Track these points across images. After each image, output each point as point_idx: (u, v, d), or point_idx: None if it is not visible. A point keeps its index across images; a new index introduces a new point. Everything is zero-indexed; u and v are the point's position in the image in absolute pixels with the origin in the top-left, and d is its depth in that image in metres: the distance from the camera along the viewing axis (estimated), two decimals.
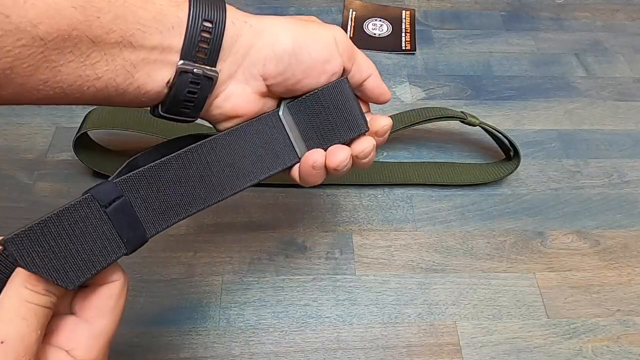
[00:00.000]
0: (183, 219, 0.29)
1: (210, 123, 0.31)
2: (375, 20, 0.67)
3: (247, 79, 0.29)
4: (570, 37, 0.67)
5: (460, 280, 0.45)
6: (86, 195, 0.25)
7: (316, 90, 0.31)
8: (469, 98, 0.59)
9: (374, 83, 0.33)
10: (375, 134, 0.33)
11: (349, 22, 0.67)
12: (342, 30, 0.31)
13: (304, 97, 0.31)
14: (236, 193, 0.31)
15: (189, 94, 0.27)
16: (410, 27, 0.66)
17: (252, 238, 0.46)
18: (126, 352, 0.40)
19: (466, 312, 0.43)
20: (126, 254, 0.26)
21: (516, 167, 0.51)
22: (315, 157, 0.31)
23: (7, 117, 0.53)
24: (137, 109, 0.47)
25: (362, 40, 0.64)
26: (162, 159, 0.28)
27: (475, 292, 0.44)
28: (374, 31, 0.66)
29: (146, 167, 0.27)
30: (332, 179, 0.50)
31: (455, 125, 0.56)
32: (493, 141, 0.53)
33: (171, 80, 0.27)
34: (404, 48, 0.64)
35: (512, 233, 0.48)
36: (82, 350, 0.24)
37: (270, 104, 0.32)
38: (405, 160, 0.53)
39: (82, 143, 0.46)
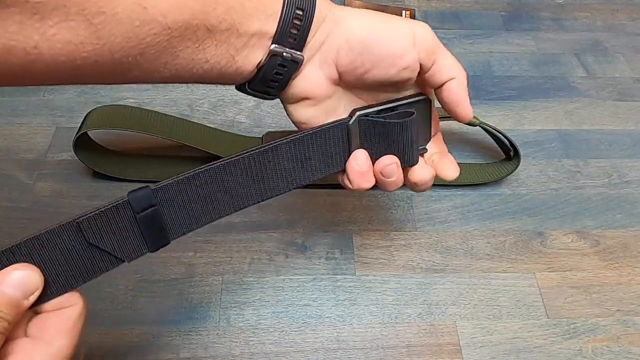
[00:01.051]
0: (210, 222, 0.31)
1: (281, 101, 0.33)
2: None
3: (321, 65, 0.31)
4: (570, 37, 0.67)
5: (460, 280, 0.45)
6: (123, 200, 0.27)
7: (388, 117, 0.32)
8: None
9: (455, 88, 0.32)
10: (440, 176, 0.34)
11: None
12: (428, 29, 0.31)
13: (377, 115, 0.32)
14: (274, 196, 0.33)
15: (276, 74, 0.30)
16: None
17: (252, 238, 0.46)
18: (126, 352, 0.40)
19: (466, 312, 0.43)
20: (150, 252, 0.29)
21: (516, 167, 0.51)
22: (360, 155, 0.33)
23: (7, 117, 0.53)
24: (137, 109, 0.47)
25: None
26: (205, 167, 0.29)
27: (475, 292, 0.44)
28: None
29: (190, 174, 0.29)
30: (332, 179, 0.50)
31: (455, 125, 0.56)
32: (493, 141, 0.53)
33: (262, 62, 0.29)
34: None
35: (512, 233, 0.48)
36: (50, 335, 0.25)
37: (338, 94, 0.33)
38: None
39: (82, 143, 0.46)
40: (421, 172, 0.34)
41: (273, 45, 0.29)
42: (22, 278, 0.24)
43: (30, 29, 0.22)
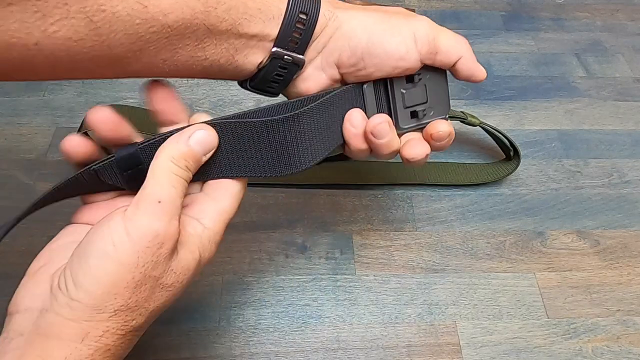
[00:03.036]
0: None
1: (285, 96, 0.34)
2: None
3: (323, 66, 0.31)
4: (570, 37, 0.67)
5: (460, 280, 0.45)
6: (111, 159, 0.28)
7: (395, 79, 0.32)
8: (469, 98, 0.59)
9: (464, 65, 0.33)
10: (431, 137, 0.34)
11: None
12: (426, 23, 0.32)
13: (385, 80, 0.32)
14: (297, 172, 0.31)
15: (277, 76, 0.30)
16: None
17: (252, 238, 0.46)
18: None
19: (466, 312, 0.43)
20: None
21: (516, 167, 0.51)
22: (354, 115, 0.32)
23: (7, 117, 0.53)
24: (137, 109, 0.47)
25: None
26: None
27: (475, 292, 0.44)
28: None
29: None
30: (333, 179, 0.50)
31: (455, 125, 0.55)
32: (493, 141, 0.53)
33: (263, 63, 0.30)
34: None
35: (512, 233, 0.48)
36: (209, 219, 0.28)
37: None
38: None
39: None
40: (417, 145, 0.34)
41: (274, 48, 0.29)
42: (205, 137, 0.27)
43: (32, 26, 0.22)
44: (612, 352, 0.42)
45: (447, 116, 0.35)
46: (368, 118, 0.32)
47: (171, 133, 0.28)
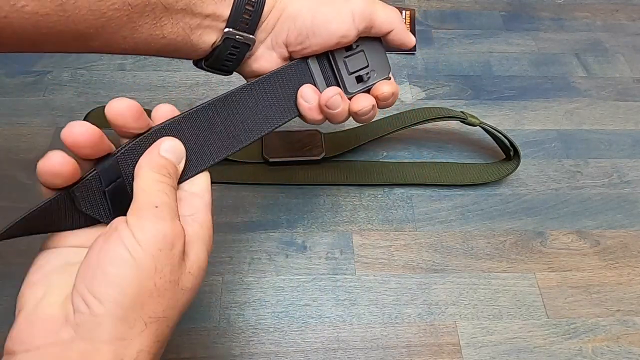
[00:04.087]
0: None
1: (241, 75, 0.36)
2: None
3: (273, 46, 0.34)
4: (570, 37, 0.67)
5: (460, 280, 0.45)
6: (94, 172, 0.27)
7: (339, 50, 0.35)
8: (469, 98, 0.59)
9: (395, 36, 0.35)
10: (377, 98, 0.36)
11: None
12: (362, 0, 0.33)
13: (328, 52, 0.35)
14: (252, 142, 0.33)
15: (230, 55, 0.33)
16: (410, 27, 0.66)
17: (252, 238, 0.46)
18: None
19: (466, 312, 0.43)
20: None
21: (516, 167, 0.51)
22: (303, 90, 0.34)
23: (7, 117, 0.53)
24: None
25: None
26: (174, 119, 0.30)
27: (475, 292, 0.44)
28: None
29: (162, 125, 0.29)
30: (333, 179, 0.50)
31: (455, 125, 0.56)
32: (493, 141, 0.53)
33: (217, 43, 0.32)
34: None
35: (512, 233, 0.48)
36: (201, 215, 0.28)
37: None
38: (405, 160, 0.53)
39: None
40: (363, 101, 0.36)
41: (227, 29, 0.32)
42: (172, 145, 0.28)
43: (2, 1, 0.24)
44: (612, 352, 0.42)
45: (389, 76, 0.37)
46: (319, 90, 0.35)
47: (139, 136, 0.28)
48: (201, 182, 0.30)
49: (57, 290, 0.24)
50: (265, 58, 0.34)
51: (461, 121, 0.50)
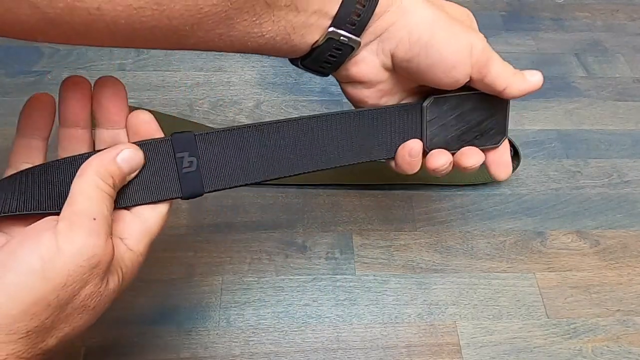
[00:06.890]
0: (243, 185, 0.31)
1: (335, 78, 0.33)
2: None
3: (378, 52, 0.31)
4: (570, 37, 0.67)
5: (460, 280, 0.45)
6: (168, 138, 0.28)
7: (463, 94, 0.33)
8: None
9: (508, 95, 0.33)
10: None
11: None
12: (484, 40, 0.31)
13: (451, 95, 0.33)
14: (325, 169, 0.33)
15: (330, 56, 0.30)
16: None
17: (252, 238, 0.46)
18: (126, 352, 0.40)
19: (466, 312, 0.43)
20: (181, 198, 0.29)
21: (516, 167, 0.51)
22: (412, 145, 0.33)
23: (7, 117, 0.53)
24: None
25: None
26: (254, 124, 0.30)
27: (475, 292, 0.44)
28: None
29: (233, 128, 0.30)
30: (333, 179, 0.50)
31: None
32: None
33: (318, 42, 0.29)
34: None
35: (512, 233, 0.48)
36: (133, 240, 0.27)
37: (392, 79, 0.33)
38: None
39: None
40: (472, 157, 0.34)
41: (331, 28, 0.29)
42: (132, 155, 0.27)
43: None
44: (612, 352, 0.42)
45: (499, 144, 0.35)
46: (425, 143, 0.33)
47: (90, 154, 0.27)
48: (154, 208, 0.29)
49: None
50: (367, 63, 0.31)
51: None
